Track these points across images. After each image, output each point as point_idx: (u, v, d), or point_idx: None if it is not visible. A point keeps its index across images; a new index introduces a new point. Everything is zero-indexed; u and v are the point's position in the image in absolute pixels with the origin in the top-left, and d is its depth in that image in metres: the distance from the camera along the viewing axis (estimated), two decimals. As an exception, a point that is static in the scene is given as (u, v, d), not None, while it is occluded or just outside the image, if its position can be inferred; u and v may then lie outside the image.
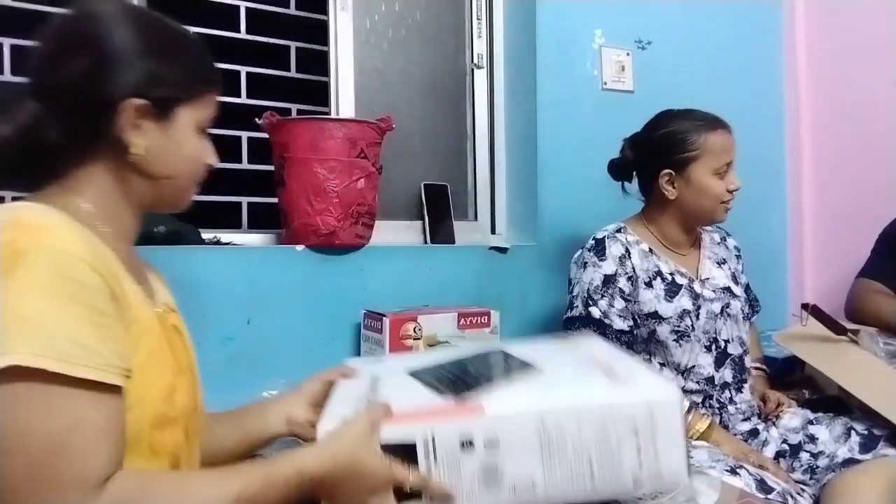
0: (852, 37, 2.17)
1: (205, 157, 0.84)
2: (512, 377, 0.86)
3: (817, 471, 1.29)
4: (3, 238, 0.64)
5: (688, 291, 1.42)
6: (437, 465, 0.72)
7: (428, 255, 1.74)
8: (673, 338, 1.38)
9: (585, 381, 0.83)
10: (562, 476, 0.74)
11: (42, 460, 0.59)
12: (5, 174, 0.78)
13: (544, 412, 0.74)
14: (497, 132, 2.01)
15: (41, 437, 0.59)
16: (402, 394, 0.81)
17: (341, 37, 1.79)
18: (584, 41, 1.95)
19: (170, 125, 0.78)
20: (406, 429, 0.72)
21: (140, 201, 0.80)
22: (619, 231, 1.46)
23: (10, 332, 0.59)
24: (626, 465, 0.74)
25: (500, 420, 0.73)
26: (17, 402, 0.59)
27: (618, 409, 0.74)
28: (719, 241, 1.57)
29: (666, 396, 0.76)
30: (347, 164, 1.52)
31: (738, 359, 1.44)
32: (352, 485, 0.70)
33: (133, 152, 0.75)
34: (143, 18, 0.79)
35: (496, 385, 0.82)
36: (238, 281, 1.45)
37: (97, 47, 0.74)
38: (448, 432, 0.72)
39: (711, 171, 1.39)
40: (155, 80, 0.75)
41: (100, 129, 0.75)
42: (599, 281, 1.40)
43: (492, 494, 0.73)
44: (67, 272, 0.63)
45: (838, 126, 2.22)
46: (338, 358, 1.58)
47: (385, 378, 0.90)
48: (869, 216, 1.87)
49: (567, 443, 0.73)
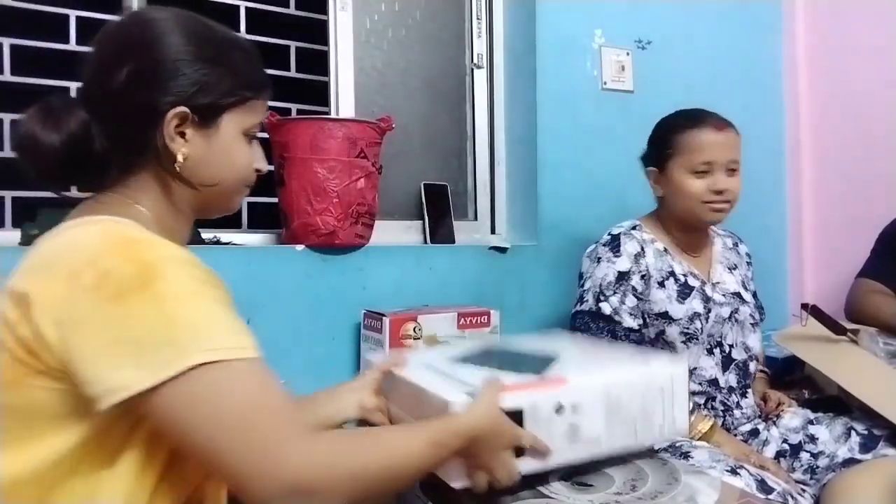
0: (852, 37, 2.17)
1: (253, 162, 0.84)
2: (554, 360, 1.02)
3: (817, 471, 1.29)
4: (123, 256, 0.66)
5: (700, 294, 1.41)
6: (537, 426, 0.87)
7: (428, 254, 1.74)
8: (681, 339, 1.38)
9: (617, 361, 1.05)
10: (617, 432, 0.93)
11: (250, 422, 0.65)
12: (55, 180, 0.80)
13: (608, 383, 0.94)
14: (497, 132, 2.01)
15: (248, 404, 0.65)
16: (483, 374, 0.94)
17: (341, 37, 1.79)
18: (584, 41, 1.95)
19: (214, 133, 0.79)
20: (517, 397, 0.86)
21: (189, 207, 0.82)
22: (635, 228, 1.46)
23: (183, 336, 0.64)
24: (656, 421, 0.97)
25: (581, 389, 0.91)
26: (214, 386, 0.64)
27: (652, 378, 0.98)
28: (731, 247, 1.56)
29: (680, 368, 1.02)
30: (347, 163, 1.52)
31: (742, 364, 1.44)
32: (494, 442, 0.82)
33: (177, 160, 0.77)
34: (189, 25, 0.79)
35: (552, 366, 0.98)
36: (238, 281, 1.42)
37: (141, 56, 0.76)
38: (547, 399, 0.88)
39: (686, 168, 1.38)
40: (199, 88, 0.76)
41: (144, 137, 0.76)
42: (613, 277, 1.39)
43: (571, 450, 0.90)
44: (194, 274, 0.68)
45: (838, 126, 2.22)
46: (338, 358, 1.60)
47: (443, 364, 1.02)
48: (869, 216, 1.87)
49: (622, 405, 0.94)
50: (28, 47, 1.48)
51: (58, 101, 0.79)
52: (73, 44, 1.51)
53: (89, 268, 0.65)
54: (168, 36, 0.76)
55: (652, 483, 0.94)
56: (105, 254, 0.66)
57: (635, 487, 0.93)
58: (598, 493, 0.91)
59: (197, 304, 0.66)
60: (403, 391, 0.98)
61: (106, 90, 0.76)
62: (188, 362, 0.63)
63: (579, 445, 0.91)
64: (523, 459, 0.86)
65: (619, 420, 0.93)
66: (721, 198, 1.37)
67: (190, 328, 0.65)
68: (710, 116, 1.40)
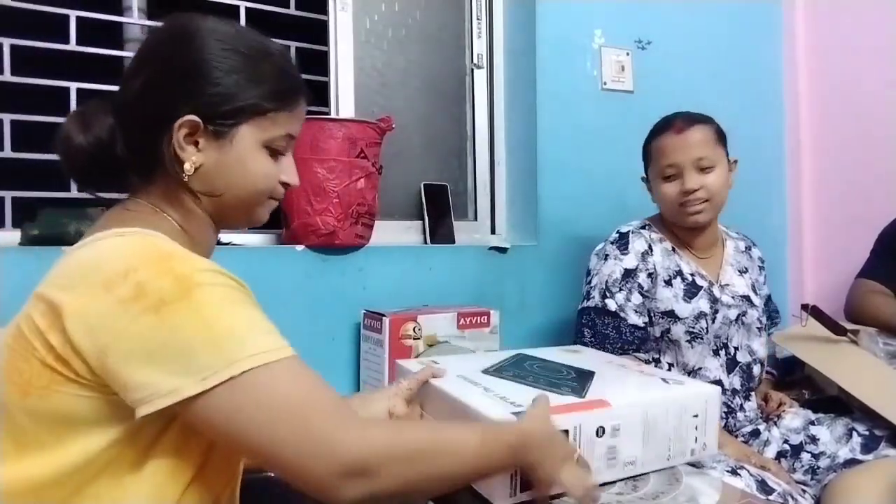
0: (852, 37, 2.17)
1: (275, 175, 0.83)
2: (589, 379, 1.05)
3: (818, 471, 1.29)
4: (157, 269, 0.66)
5: (707, 294, 1.41)
6: (580, 448, 0.88)
7: (428, 255, 1.74)
8: (686, 338, 1.38)
9: (652, 381, 1.06)
10: (651, 454, 0.95)
11: (303, 418, 0.66)
12: (85, 181, 0.83)
13: (647, 404, 0.95)
14: (497, 132, 2.01)
15: (297, 399, 0.67)
16: (523, 390, 0.96)
17: (341, 37, 1.79)
18: (584, 41, 1.95)
19: (228, 144, 0.78)
20: (561, 419, 0.86)
21: (208, 216, 0.82)
22: (644, 227, 1.47)
23: (227, 343, 0.66)
24: (689, 441, 0.99)
25: (622, 411, 0.92)
26: (263, 388, 0.66)
27: (688, 400, 1.00)
28: (744, 250, 1.55)
29: (713, 391, 1.04)
30: (347, 164, 1.52)
31: (747, 367, 1.44)
32: (552, 452, 0.80)
33: (185, 169, 0.76)
34: (216, 35, 0.78)
35: (590, 385, 1.01)
36: (238, 281, 1.44)
37: (158, 63, 0.77)
38: (590, 422, 0.89)
39: (657, 175, 1.42)
40: (212, 98, 0.76)
41: (155, 145, 0.76)
42: (619, 274, 1.40)
43: (610, 471, 0.92)
44: (227, 282, 0.70)
45: (838, 126, 2.22)
46: (338, 358, 1.60)
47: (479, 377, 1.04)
48: (869, 216, 1.87)
49: (658, 427, 0.95)
50: (28, 47, 1.48)
51: (93, 105, 0.82)
52: (73, 44, 1.51)
53: (124, 280, 0.65)
54: (188, 44, 0.76)
55: (653, 483, 0.94)
56: (139, 267, 0.66)
57: (637, 488, 0.93)
58: (599, 493, 0.91)
59: (234, 311, 0.68)
60: (442, 403, 0.99)
61: (126, 96, 0.78)
62: (235, 369, 0.65)
63: (617, 468, 0.92)
64: None
65: (655, 442, 0.95)
66: (694, 197, 1.37)
67: (232, 335, 0.66)
68: (677, 119, 1.40)
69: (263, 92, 0.78)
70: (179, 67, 0.76)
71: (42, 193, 1.49)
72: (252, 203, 0.83)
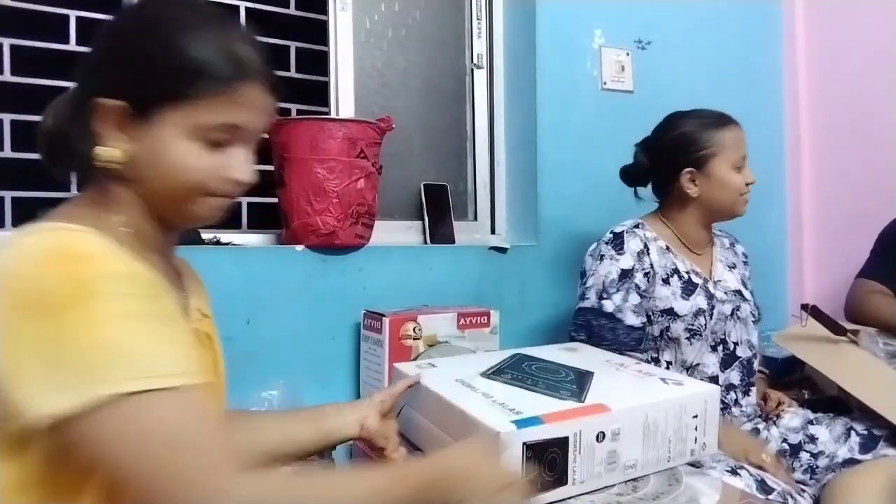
0: (852, 37, 2.17)
1: (213, 168, 0.73)
2: (588, 380, 1.04)
3: (817, 471, 1.29)
4: (59, 271, 0.61)
5: (703, 291, 1.42)
6: (579, 454, 0.88)
7: (428, 255, 1.74)
8: (686, 335, 1.39)
9: (651, 382, 1.05)
10: (652, 456, 0.95)
11: (171, 458, 0.61)
12: (51, 170, 0.79)
13: (647, 406, 0.95)
14: (497, 132, 2.01)
15: (161, 439, 0.61)
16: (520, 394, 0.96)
17: (341, 37, 1.79)
18: (583, 41, 1.95)
19: (148, 129, 0.70)
20: (562, 426, 0.87)
21: (146, 212, 0.75)
22: (638, 227, 1.47)
23: (109, 361, 0.60)
24: (689, 442, 0.99)
25: (622, 415, 0.92)
26: (139, 415, 0.60)
27: (687, 401, 0.99)
28: (728, 246, 1.58)
29: (712, 390, 1.05)
30: (347, 164, 1.52)
31: (747, 362, 1.44)
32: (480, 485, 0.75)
33: (100, 157, 0.70)
34: (153, 11, 0.73)
35: (588, 388, 1.00)
36: (238, 281, 1.45)
37: (95, 46, 0.74)
38: (590, 428, 0.89)
39: (730, 165, 1.42)
40: (130, 78, 0.69)
41: (86, 132, 0.71)
42: (616, 275, 1.40)
43: (610, 475, 0.92)
44: (133, 292, 0.63)
45: (838, 126, 2.22)
46: (338, 358, 1.60)
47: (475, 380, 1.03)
48: (869, 216, 1.87)
49: (658, 429, 0.95)
50: (28, 47, 1.48)
51: (65, 94, 0.78)
52: (73, 44, 1.51)
53: (22, 282, 0.61)
54: (120, 24, 0.74)
55: (653, 484, 0.95)
56: (41, 268, 0.61)
57: (637, 488, 0.93)
58: (599, 494, 0.91)
59: (129, 327, 0.62)
60: (435, 406, 0.98)
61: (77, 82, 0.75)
62: (110, 390, 0.59)
63: (618, 472, 0.92)
64: (551, 492, 0.86)
65: (655, 444, 0.95)
66: (749, 190, 1.45)
67: (117, 353, 0.60)
68: (725, 114, 1.47)
69: (189, 74, 0.69)
70: (106, 47, 0.72)
71: (42, 193, 1.49)
72: (179, 198, 0.73)
